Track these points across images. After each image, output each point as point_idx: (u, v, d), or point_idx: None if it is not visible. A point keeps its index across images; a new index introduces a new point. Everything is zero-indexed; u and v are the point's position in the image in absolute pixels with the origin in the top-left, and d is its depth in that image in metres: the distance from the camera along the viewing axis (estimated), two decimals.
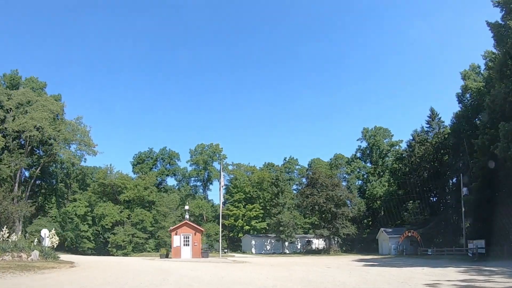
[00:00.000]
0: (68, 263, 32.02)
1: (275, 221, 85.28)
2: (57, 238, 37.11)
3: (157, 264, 35.89)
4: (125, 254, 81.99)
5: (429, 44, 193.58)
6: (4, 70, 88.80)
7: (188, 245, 46.80)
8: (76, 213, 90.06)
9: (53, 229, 37.66)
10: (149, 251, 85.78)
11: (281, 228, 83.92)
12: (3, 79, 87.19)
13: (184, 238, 46.87)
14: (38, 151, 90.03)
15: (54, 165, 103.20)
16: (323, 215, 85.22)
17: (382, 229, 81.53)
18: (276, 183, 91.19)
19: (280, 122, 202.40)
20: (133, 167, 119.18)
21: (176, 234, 47.01)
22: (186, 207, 56.54)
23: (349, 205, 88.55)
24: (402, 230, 74.47)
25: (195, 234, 46.90)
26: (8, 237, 35.99)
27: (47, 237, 37.19)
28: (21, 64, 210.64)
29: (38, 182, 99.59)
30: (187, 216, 49.82)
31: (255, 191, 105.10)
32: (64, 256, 45.39)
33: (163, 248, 51.34)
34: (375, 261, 48.13)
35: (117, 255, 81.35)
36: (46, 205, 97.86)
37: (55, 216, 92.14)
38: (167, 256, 48.39)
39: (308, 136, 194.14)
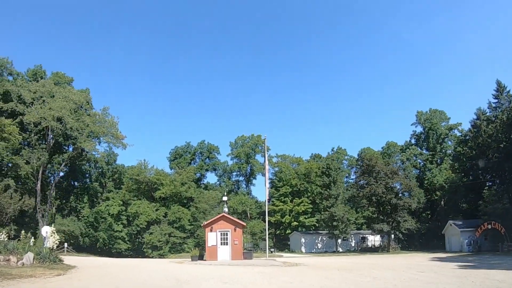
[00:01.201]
0: (62, 269, 23.71)
1: (328, 216, 75.65)
2: (58, 237, 28.82)
3: (181, 270, 26.64)
4: (161, 255, 75.06)
5: (484, 12, 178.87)
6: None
7: (227, 243, 37.15)
8: (109, 212, 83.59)
9: (52, 225, 29.12)
10: (187, 252, 78.08)
11: (334, 223, 74.33)
12: (26, 74, 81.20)
13: (221, 235, 37.36)
14: (67, 149, 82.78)
15: (87, 164, 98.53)
16: (381, 208, 74.83)
17: (450, 222, 70.76)
18: (327, 172, 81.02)
19: (326, 110, 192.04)
20: (170, 163, 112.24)
21: (211, 230, 37.54)
22: (225, 198, 46.57)
23: (406, 195, 77.74)
24: (475, 223, 63.81)
25: (235, 230, 37.26)
26: None
27: (49, 236, 28.86)
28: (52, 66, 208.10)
29: (72, 182, 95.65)
30: (225, 209, 40.24)
31: (303, 184, 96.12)
32: (75, 259, 37.05)
33: (195, 249, 41.44)
34: (464, 261, 37.66)
35: (152, 256, 74.76)
36: (78, 205, 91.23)
37: (87, 216, 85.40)
38: (201, 257, 39.11)
39: (357, 124, 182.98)
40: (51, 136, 71.50)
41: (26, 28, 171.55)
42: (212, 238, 37.24)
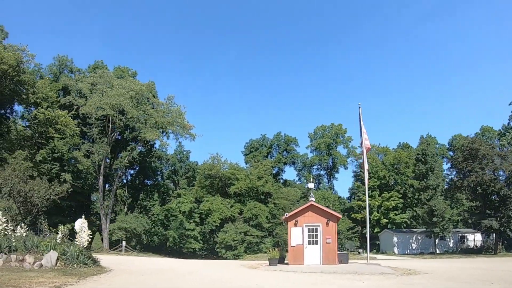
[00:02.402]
0: (82, 275, 16.70)
1: (426, 210, 65.06)
2: (89, 232, 21.63)
3: (253, 282, 18.11)
4: (236, 256, 67.55)
5: None
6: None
7: (316, 243, 27.72)
8: (181, 210, 78.11)
9: (83, 216, 21.80)
10: (264, 252, 70.15)
11: (434, 219, 63.63)
12: (87, 70, 77.64)
13: (309, 231, 27.65)
14: (134, 144, 76.77)
15: (159, 161, 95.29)
16: (487, 200, 63.16)
17: None
18: (423, 159, 69.80)
19: (411, 96, 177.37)
20: (245, 157, 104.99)
21: (295, 225, 28.14)
22: (311, 185, 37.10)
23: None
24: None
25: (327, 224, 27.36)
26: (13, 230, 22.29)
27: (79, 230, 21.75)
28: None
29: (143, 180, 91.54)
30: (312, 199, 31.19)
31: (391, 176, 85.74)
32: (125, 260, 30.13)
33: (274, 249, 31.57)
34: None
35: (226, 257, 67.69)
36: (148, 202, 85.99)
37: (157, 214, 79.77)
38: (281, 260, 30.15)
39: (445, 111, 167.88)
40: (112, 128, 65.40)
41: (90, 26, 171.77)
42: (296, 235, 27.91)
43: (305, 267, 25.50)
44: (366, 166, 33.16)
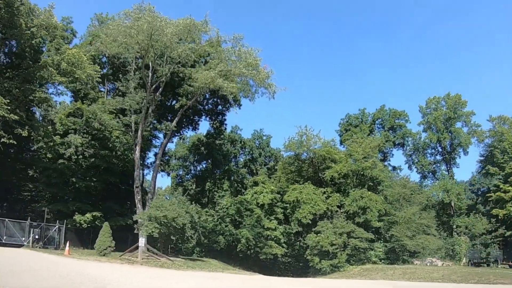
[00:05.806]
0: None
1: None
2: None
3: None
4: (335, 267, 47.17)
5: None
6: None
7: None
8: (258, 202, 58.97)
9: None
10: (374, 263, 49.44)
11: None
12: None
13: None
14: (184, 99, 53.61)
15: (232, 146, 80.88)
16: None
17: None
18: None
19: None
20: (340, 136, 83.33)
21: None
22: None
23: None
24: None
25: None
26: None
27: None
28: None
29: (210, 168, 74.46)
30: None
31: None
32: None
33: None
34: None
35: (321, 269, 47.51)
36: (216, 193, 69.37)
37: (226, 208, 62.29)
38: None
39: None
40: (153, 78, 44.22)
41: None
42: None
43: None
44: None
